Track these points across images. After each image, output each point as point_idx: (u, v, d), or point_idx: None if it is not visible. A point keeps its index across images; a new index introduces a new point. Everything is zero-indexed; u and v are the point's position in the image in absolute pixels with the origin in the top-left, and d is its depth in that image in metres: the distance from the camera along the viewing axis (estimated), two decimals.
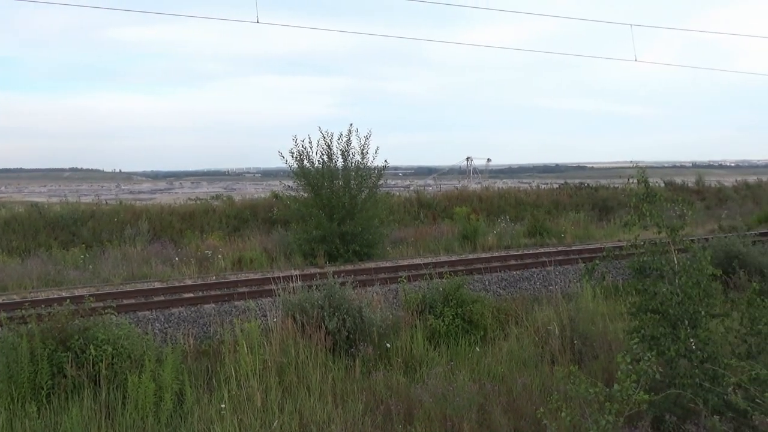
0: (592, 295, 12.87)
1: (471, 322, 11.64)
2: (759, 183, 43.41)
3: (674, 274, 7.70)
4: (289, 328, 9.80)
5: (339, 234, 19.74)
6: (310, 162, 20.75)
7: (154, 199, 50.89)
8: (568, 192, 36.38)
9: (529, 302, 13.56)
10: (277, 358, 9.23)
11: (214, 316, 13.10)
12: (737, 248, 15.43)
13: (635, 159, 10.17)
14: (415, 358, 10.08)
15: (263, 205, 28.59)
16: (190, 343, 10.69)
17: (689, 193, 38.17)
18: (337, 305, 10.34)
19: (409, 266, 17.89)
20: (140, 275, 17.89)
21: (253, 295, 14.44)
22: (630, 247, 8.21)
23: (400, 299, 13.03)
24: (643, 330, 7.66)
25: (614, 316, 11.55)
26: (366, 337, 10.18)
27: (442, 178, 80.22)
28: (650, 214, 7.88)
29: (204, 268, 18.75)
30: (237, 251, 20.59)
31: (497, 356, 10.24)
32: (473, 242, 22.60)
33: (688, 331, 7.38)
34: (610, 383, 6.51)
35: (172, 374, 8.44)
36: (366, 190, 20.88)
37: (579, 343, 10.16)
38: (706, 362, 7.17)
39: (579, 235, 25.03)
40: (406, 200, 31.78)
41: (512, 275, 17.25)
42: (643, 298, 7.82)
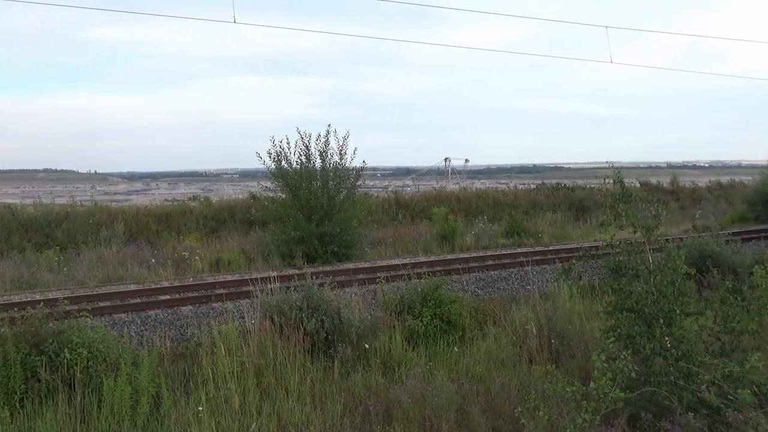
0: (569, 295, 12.98)
1: (449, 322, 11.67)
2: (732, 183, 44.09)
3: (649, 274, 7.79)
4: (267, 330, 9.75)
5: (317, 235, 19.69)
6: (288, 163, 20.69)
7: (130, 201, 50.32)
8: (546, 192, 36.65)
9: (507, 302, 13.63)
10: (255, 359, 9.18)
11: (191, 318, 13.00)
12: (711, 248, 15.65)
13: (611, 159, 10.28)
14: (393, 359, 10.08)
15: (241, 206, 28.42)
16: (166, 346, 10.60)
17: (664, 193, 38.66)
18: (315, 306, 10.31)
19: (387, 267, 17.90)
20: (116, 277, 17.69)
21: (231, 296, 14.35)
22: (606, 247, 8.28)
23: (378, 300, 13.03)
24: (619, 329, 7.73)
25: (591, 315, 11.65)
26: (344, 338, 10.16)
27: (421, 179, 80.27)
28: (626, 214, 7.96)
29: (181, 270, 18.60)
30: (214, 253, 20.45)
31: (475, 356, 10.28)
32: (451, 243, 22.67)
33: (663, 329, 7.47)
34: (587, 382, 6.56)
35: (149, 377, 8.35)
36: (344, 190, 20.85)
37: (556, 342, 10.23)
38: (681, 360, 7.25)
39: (556, 235, 25.22)
40: (384, 201, 31.79)
41: (490, 275, 17.33)
42: (618, 297, 7.89)
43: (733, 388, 6.63)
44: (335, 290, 12.17)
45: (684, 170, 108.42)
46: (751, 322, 7.90)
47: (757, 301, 9.25)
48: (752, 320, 8.23)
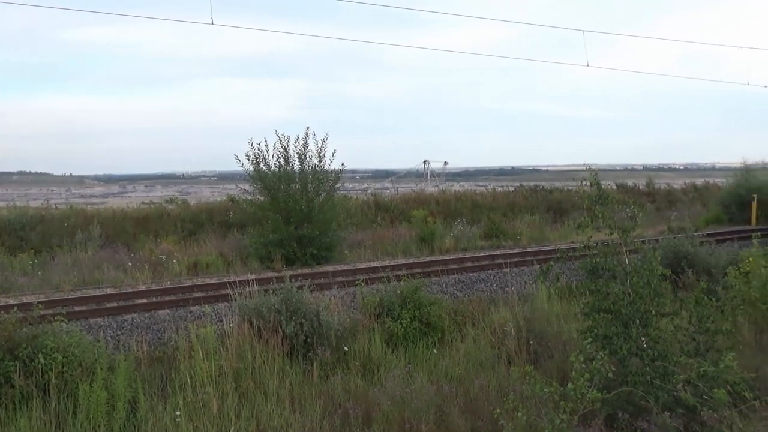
0: (547, 296, 13.06)
1: (428, 324, 11.70)
2: (706, 185, 44.71)
3: (626, 275, 7.87)
4: (245, 333, 9.70)
5: (296, 237, 19.63)
6: (266, 165, 20.61)
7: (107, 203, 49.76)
8: (524, 194, 36.88)
9: (486, 304, 13.69)
10: (233, 363, 9.12)
11: (168, 322, 12.88)
12: (686, 249, 15.85)
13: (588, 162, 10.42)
14: (373, 361, 10.09)
15: (219, 209, 28.24)
16: (143, 350, 10.49)
17: (640, 195, 39.09)
18: (294, 309, 10.27)
19: (366, 269, 17.89)
20: (92, 281, 17.48)
21: (209, 300, 14.25)
22: (583, 249, 8.35)
23: (357, 302, 13.02)
24: (596, 329, 7.80)
25: (569, 316, 11.74)
26: (324, 340, 10.14)
27: (400, 181, 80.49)
28: (602, 216, 8.03)
29: (158, 273, 18.43)
30: (192, 256, 20.30)
31: (454, 358, 10.31)
32: (430, 245, 22.72)
33: (639, 330, 7.55)
34: (565, 382, 6.61)
35: (125, 382, 8.26)
36: (323, 193, 20.82)
37: (534, 343, 10.30)
38: (657, 360, 7.34)
39: (534, 236, 25.39)
40: (363, 203, 31.77)
41: (469, 277, 17.40)
42: (595, 299, 7.96)
43: (708, 388, 6.72)
44: (314, 293, 12.14)
45: (660, 172, 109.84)
46: (726, 322, 8.02)
47: (731, 302, 9.42)
48: (726, 320, 8.36)
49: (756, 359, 8.88)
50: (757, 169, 33.73)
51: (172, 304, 14.09)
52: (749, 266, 9.75)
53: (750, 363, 8.45)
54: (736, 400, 6.83)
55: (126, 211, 28.34)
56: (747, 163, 33.01)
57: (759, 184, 30.34)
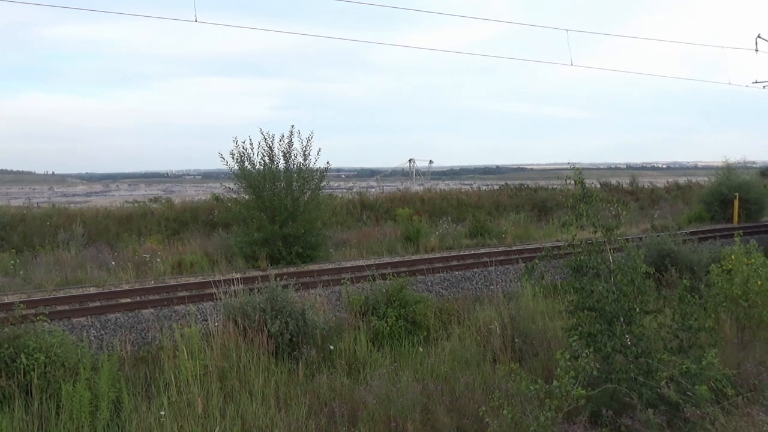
0: (532, 294, 13.12)
1: (414, 322, 11.71)
2: (689, 184, 45.14)
3: (610, 273, 7.92)
4: (230, 332, 9.67)
5: (281, 236, 19.57)
6: (251, 164, 20.51)
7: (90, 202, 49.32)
8: (509, 193, 37.03)
9: (471, 302, 13.74)
10: (218, 362, 9.09)
11: (152, 321, 12.81)
12: (669, 247, 15.98)
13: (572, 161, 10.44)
14: (358, 360, 10.09)
15: (204, 208, 28.11)
16: (127, 350, 10.43)
17: (624, 193, 39.38)
18: (279, 308, 10.25)
19: (352, 268, 17.88)
20: (75, 281, 17.33)
21: (194, 299, 14.18)
22: (568, 247, 8.40)
23: (343, 301, 13.01)
24: (581, 327, 7.86)
25: (553, 314, 11.81)
26: (309, 339, 10.13)
27: (385, 180, 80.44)
28: (587, 215, 8.09)
29: (142, 273, 18.32)
30: (177, 255, 20.20)
31: (440, 356, 10.34)
32: (416, 243, 22.76)
33: (623, 327, 7.61)
34: (550, 380, 6.65)
35: (109, 382, 8.21)
36: (308, 192, 20.76)
37: (520, 341, 10.34)
38: (641, 357, 7.40)
39: (519, 235, 25.49)
40: (348, 202, 31.77)
41: (454, 275, 17.45)
42: (580, 296, 8.01)
43: (691, 384, 6.79)
44: (299, 292, 12.11)
45: (643, 171, 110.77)
46: (708, 319, 8.12)
47: (714, 299, 9.52)
48: (709, 317, 8.46)
49: (738, 356, 8.97)
50: (739, 168, 34.08)
51: (156, 303, 14.00)
52: (731, 264, 9.84)
53: (732, 359, 8.54)
54: (719, 396, 6.91)
55: (109, 210, 28.13)
56: (729, 162, 33.33)
57: (740, 183, 30.66)
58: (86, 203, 42.51)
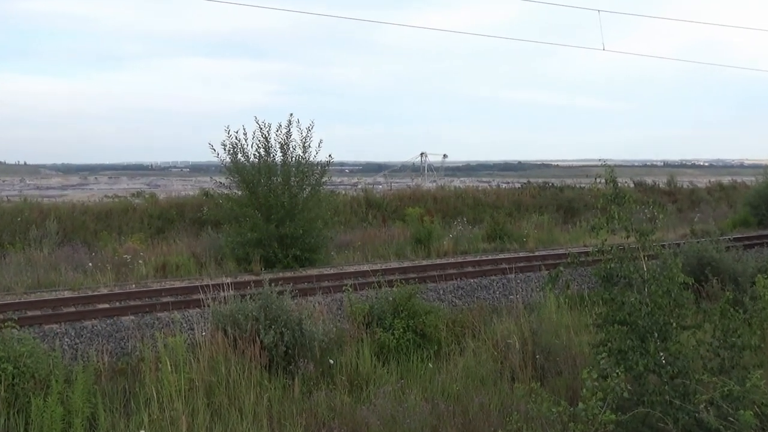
0: (556, 306, 13.09)
1: (424, 335, 11.71)
2: (733, 184, 44.88)
3: (643, 283, 7.89)
4: (219, 343, 9.69)
5: (277, 237, 19.60)
6: (245, 156, 20.55)
7: (65, 196, 49.57)
8: (531, 192, 36.97)
9: (488, 313, 13.72)
10: (205, 376, 9.11)
11: (133, 329, 12.85)
12: (710, 254, 15.90)
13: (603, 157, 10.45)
14: (361, 376, 10.09)
15: (192, 204, 28.17)
16: (104, 361, 10.46)
17: (660, 194, 39.26)
18: (273, 317, 10.26)
19: (355, 273, 17.90)
20: (47, 283, 17.40)
21: (179, 305, 14.22)
22: (596, 253, 8.37)
23: (345, 310, 13.02)
24: (610, 343, 7.82)
25: (579, 328, 11.78)
26: (306, 352, 10.13)
27: (393, 176, 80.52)
28: (618, 217, 8.05)
29: (122, 275, 18.37)
30: (161, 256, 20.24)
31: (452, 373, 10.33)
32: (427, 247, 22.74)
33: (657, 344, 7.57)
34: (575, 402, 6.63)
35: (83, 396, 8.23)
36: (308, 188, 20.78)
37: (541, 357, 10.32)
38: (677, 378, 7.36)
39: (542, 239, 25.45)
40: (353, 200, 31.78)
41: (469, 283, 17.44)
42: (609, 309, 7.98)
43: (734, 409, 6.74)
44: (297, 299, 12.12)
45: (682, 169, 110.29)
46: (753, 336, 8.04)
47: (760, 314, 9.43)
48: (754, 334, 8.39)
49: None
50: None
51: (137, 309, 14.05)
52: None
53: None
54: (764, 422, 6.86)
55: (87, 205, 28.21)
56: None
57: None
58: (61, 197, 42.74)
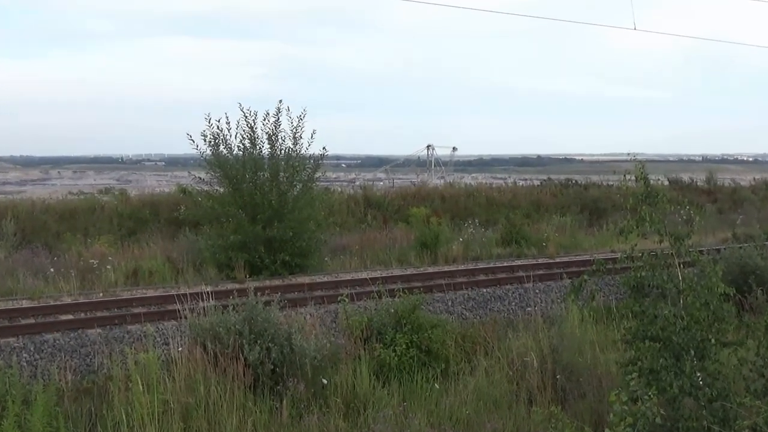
0: (580, 319, 13.09)
1: (429, 352, 11.72)
2: None
3: (678, 293, 7.89)
4: (197, 360, 9.70)
5: (264, 240, 19.61)
6: (227, 148, 20.54)
7: (24, 193, 49.71)
8: (552, 190, 37.02)
9: (502, 327, 13.72)
10: (182, 397, 9.12)
11: (100, 344, 12.86)
12: (754, 262, 15.88)
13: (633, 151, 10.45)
14: (358, 398, 10.10)
15: (167, 203, 28.21)
16: (67, 380, 10.47)
17: (698, 193, 39.28)
18: (259, 331, 10.26)
19: (352, 281, 17.91)
20: (3, 291, 17.44)
21: (152, 317, 14.24)
22: (625, 260, 8.37)
23: (340, 323, 13.03)
24: (641, 362, 7.82)
25: (606, 344, 11.78)
26: (296, 371, 10.13)
27: (396, 171, 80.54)
28: (650, 219, 8.05)
29: (88, 283, 18.40)
30: (132, 261, 20.27)
31: (461, 395, 10.34)
32: (433, 252, 22.76)
33: (694, 363, 7.57)
34: (600, 428, 6.64)
35: (44, 419, 8.24)
36: (299, 184, 20.79)
37: (563, 378, 10.33)
38: (716, 401, 7.36)
39: (564, 243, 25.46)
40: (350, 198, 31.84)
41: (481, 293, 17.45)
42: (640, 323, 7.98)
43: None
44: (286, 310, 12.13)
45: (723, 165, 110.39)
46: None
47: None
48: None
49: None
50: None
51: (104, 321, 14.07)
52: None
53: None
54: None
55: (49, 203, 28.26)
56: None
57: None
58: (20, 194, 42.81)
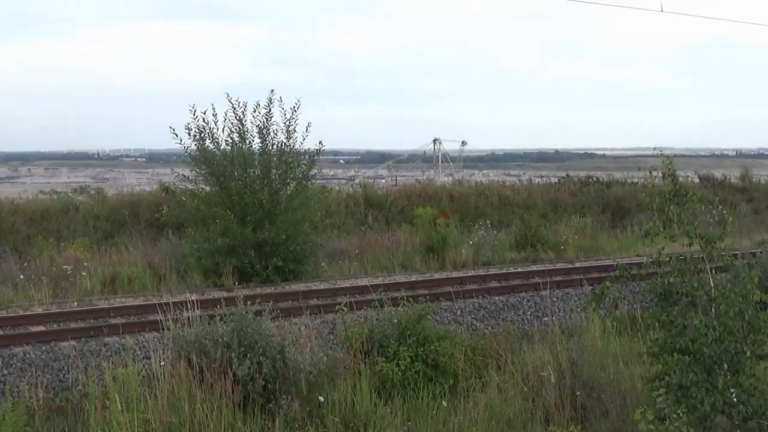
0: (602, 330, 13.09)
1: (436, 366, 11.72)
2: None
3: (710, 301, 7.89)
4: (181, 375, 9.71)
5: (254, 243, 19.61)
6: (214, 142, 20.54)
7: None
8: (571, 189, 36.99)
9: (516, 339, 13.73)
10: (164, 417, 9.13)
11: (74, 358, 12.85)
12: None
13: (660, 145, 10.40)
14: (358, 417, 10.11)
15: (148, 203, 28.20)
16: (38, 397, 10.47)
17: (732, 191, 39.23)
18: (249, 343, 10.27)
19: (351, 289, 17.92)
20: None
21: (132, 328, 14.25)
22: (651, 264, 8.38)
23: (338, 335, 13.03)
24: (669, 377, 7.83)
25: (631, 358, 11.79)
26: (290, 387, 10.15)
27: (399, 168, 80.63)
28: (679, 220, 8.06)
29: (61, 291, 18.39)
30: (109, 267, 20.27)
31: (471, 414, 10.35)
32: (441, 256, 22.76)
33: (727, 377, 7.57)
34: None
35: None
36: (293, 182, 20.79)
37: (583, 394, 10.33)
38: (751, 419, 7.37)
39: (584, 247, 25.46)
40: (349, 197, 31.81)
41: (493, 302, 17.46)
42: (668, 334, 7.99)
43: None
44: (278, 321, 12.13)
45: (760, 160, 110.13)
46: None
47: None
48: None
49: None
50: None
51: (79, 333, 14.07)
52: None
53: None
54: None
55: (18, 203, 28.24)
56: None
57: None
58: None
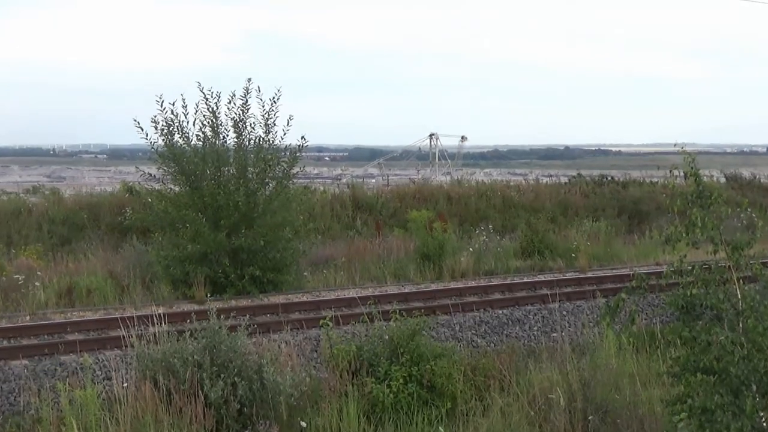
0: (617, 347, 13.13)
1: (432, 388, 11.72)
2: None
3: (737, 315, 7.91)
4: (147, 398, 9.70)
5: (229, 250, 19.61)
6: (184, 137, 20.52)
7: None
8: (583, 189, 37.06)
9: (522, 357, 13.74)
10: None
11: (26, 378, 12.84)
12: None
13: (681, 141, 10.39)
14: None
15: (110, 204, 28.19)
16: None
17: (761, 192, 39.35)
18: (223, 362, 10.27)
19: (337, 301, 17.92)
20: None
21: (91, 345, 14.24)
22: (672, 274, 8.39)
23: (323, 353, 13.02)
24: (691, 399, 7.84)
25: (649, 378, 11.81)
26: (269, 411, 10.16)
27: (392, 166, 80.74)
28: (703, 225, 8.07)
29: (12, 303, 18.38)
30: (66, 276, 20.26)
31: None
32: (438, 265, 22.78)
33: (756, 400, 7.59)
34: None
35: None
36: (272, 182, 20.79)
37: (596, 419, 10.35)
38: None
39: (598, 254, 25.51)
40: (335, 198, 31.83)
41: (496, 316, 17.47)
42: (691, 352, 8.00)
43: None
44: (256, 337, 12.13)
45: None
46: None
47: None
48: None
49: None
50: None
51: (32, 351, 14.05)
52: None
53: None
54: None
55: None
56: None
57: None
58: None
